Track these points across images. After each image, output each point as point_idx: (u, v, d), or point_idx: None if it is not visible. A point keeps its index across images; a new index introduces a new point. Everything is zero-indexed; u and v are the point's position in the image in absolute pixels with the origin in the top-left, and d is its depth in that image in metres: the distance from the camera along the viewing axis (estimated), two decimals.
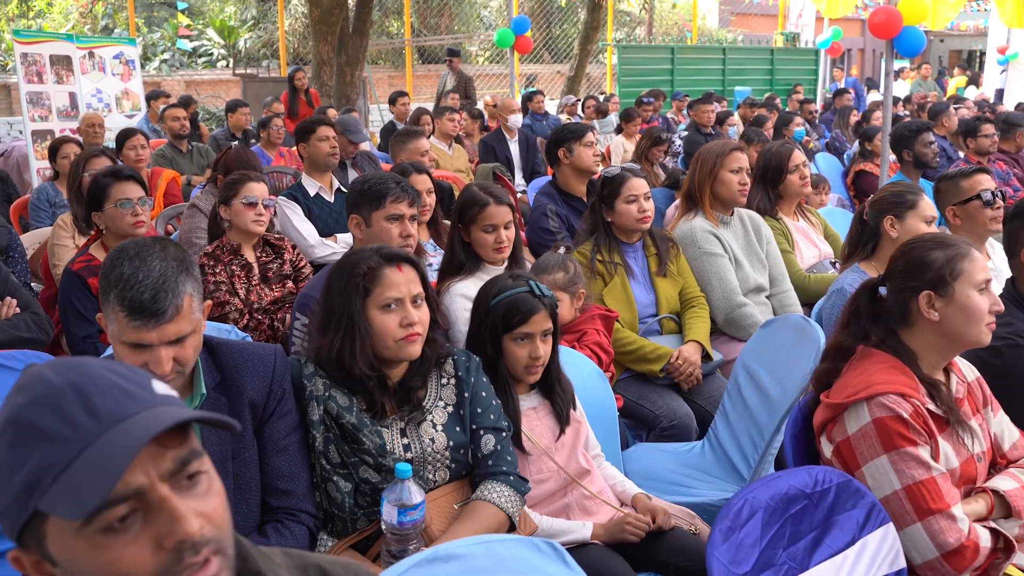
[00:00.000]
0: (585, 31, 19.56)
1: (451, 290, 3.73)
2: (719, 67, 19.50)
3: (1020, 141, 8.10)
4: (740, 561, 2.12)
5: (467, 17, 28.09)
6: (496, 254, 3.76)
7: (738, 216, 4.61)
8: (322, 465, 2.45)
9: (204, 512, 1.17)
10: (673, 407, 3.86)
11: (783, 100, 15.83)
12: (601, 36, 21.65)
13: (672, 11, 31.02)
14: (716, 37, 30.87)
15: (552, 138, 5.40)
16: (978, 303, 2.48)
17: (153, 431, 1.11)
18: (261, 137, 8.94)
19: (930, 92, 18.70)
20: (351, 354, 2.46)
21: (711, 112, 10.30)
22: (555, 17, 25.58)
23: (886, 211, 3.78)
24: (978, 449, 2.53)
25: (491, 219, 3.74)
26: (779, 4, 26.72)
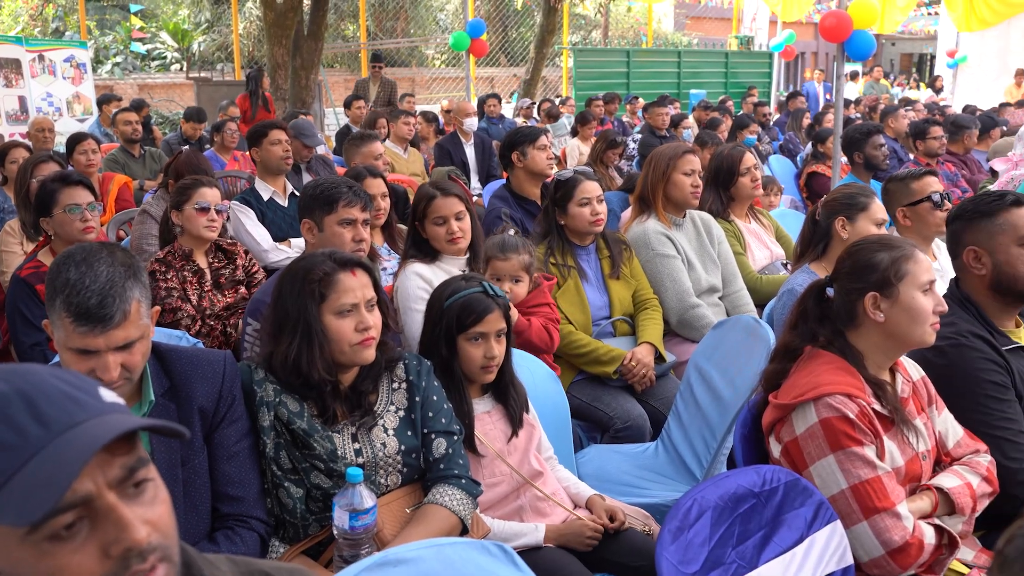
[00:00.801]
0: (541, 34, 19.61)
1: (407, 268, 3.76)
2: (674, 70, 19.62)
3: (968, 143, 8.23)
4: (689, 560, 2.14)
5: (423, 20, 28.09)
6: (451, 245, 3.78)
7: (690, 218, 4.65)
8: (273, 471, 2.44)
9: (151, 520, 1.16)
10: (627, 409, 3.89)
11: (737, 103, 15.96)
12: (557, 39, 21.72)
13: (627, 15, 31.20)
14: (671, 40, 31.07)
15: (505, 141, 5.42)
16: (922, 304, 2.52)
17: (103, 439, 1.10)
18: (215, 141, 8.87)
19: (882, 95, 18.94)
20: (309, 360, 2.45)
21: (665, 115, 10.37)
22: (511, 20, 25.67)
23: (838, 212, 3.83)
24: (923, 448, 2.57)
25: (440, 211, 3.76)
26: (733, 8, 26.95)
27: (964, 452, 2.67)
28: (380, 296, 2.60)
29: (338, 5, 25.76)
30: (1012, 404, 2.77)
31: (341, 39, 27.29)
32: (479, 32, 12.35)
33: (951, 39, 23.43)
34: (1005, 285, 2.87)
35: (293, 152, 6.10)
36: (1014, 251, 2.86)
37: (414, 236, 3.87)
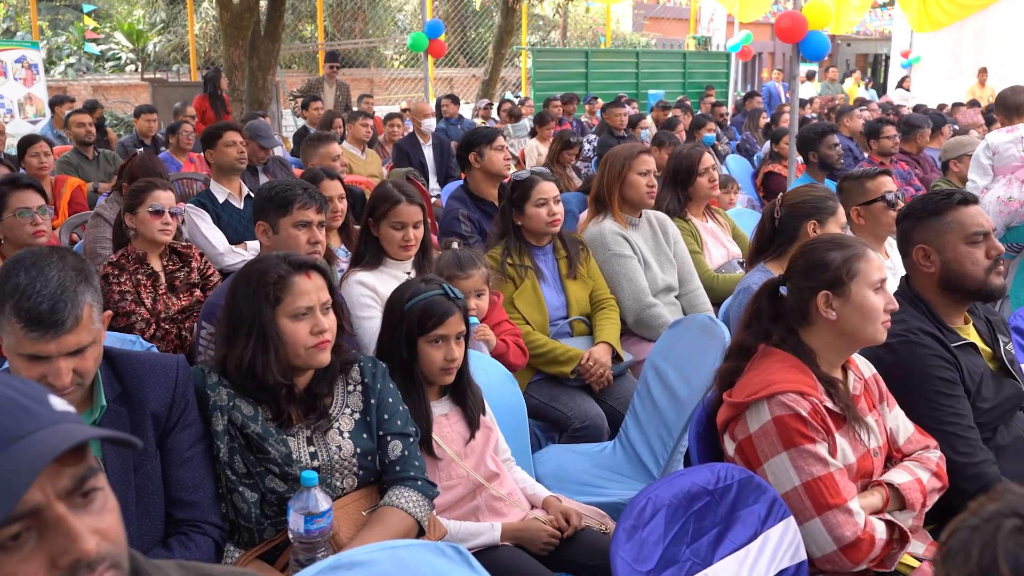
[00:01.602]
0: (499, 35, 19.62)
1: (349, 278, 3.76)
2: (633, 70, 19.70)
3: (920, 142, 8.34)
4: (644, 559, 2.16)
5: (381, 21, 28.01)
6: (402, 251, 3.80)
7: (646, 217, 4.67)
8: (227, 476, 2.43)
9: (100, 529, 1.16)
10: (584, 408, 3.90)
11: (695, 103, 16.06)
12: (515, 40, 21.75)
13: (586, 15, 31.30)
14: (630, 41, 31.18)
15: (463, 142, 5.42)
16: (873, 302, 2.55)
17: (54, 452, 1.09)
18: (170, 143, 8.79)
19: (837, 95, 19.13)
20: (264, 363, 2.44)
21: (623, 115, 10.41)
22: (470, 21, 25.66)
23: (809, 216, 3.82)
24: (874, 444, 2.60)
25: (401, 216, 3.78)
26: (691, 9, 27.12)
27: (914, 448, 2.71)
28: (335, 299, 2.59)
29: (295, 6, 25.63)
30: (961, 400, 2.81)
31: (299, 40, 27.14)
32: (437, 33, 12.33)
33: (905, 40, 23.70)
34: (954, 283, 2.91)
35: (249, 154, 6.06)
36: (962, 249, 2.90)
37: (367, 234, 3.86)
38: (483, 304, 3.72)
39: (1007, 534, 0.94)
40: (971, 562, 0.95)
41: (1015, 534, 0.94)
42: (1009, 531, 0.95)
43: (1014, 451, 2.93)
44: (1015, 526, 0.95)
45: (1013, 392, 2.98)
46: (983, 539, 0.95)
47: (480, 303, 3.71)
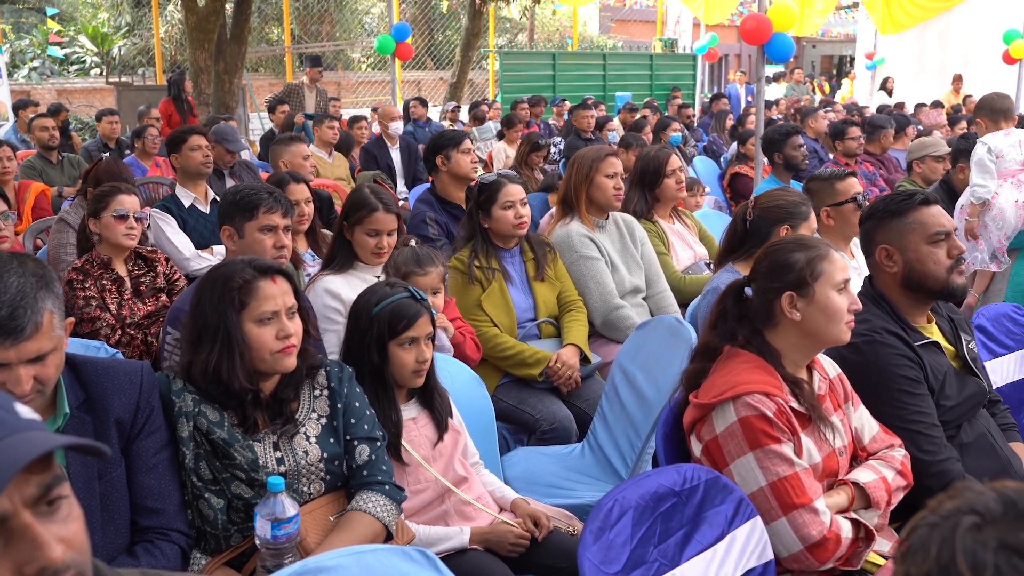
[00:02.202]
0: (466, 37, 19.63)
1: (316, 284, 3.75)
2: (600, 73, 19.73)
3: (884, 143, 8.41)
4: (611, 560, 2.16)
5: (348, 24, 27.93)
6: (374, 258, 3.80)
7: (613, 220, 4.69)
8: (193, 482, 2.41)
9: (65, 537, 1.15)
10: (553, 410, 3.91)
11: (662, 105, 16.12)
12: (483, 42, 21.76)
13: (553, 18, 31.35)
14: (597, 43, 31.26)
15: (430, 145, 5.42)
16: (837, 303, 2.57)
17: (24, 459, 1.09)
18: (136, 147, 8.72)
19: (803, 96, 19.26)
20: (229, 369, 2.42)
21: (590, 117, 10.43)
22: (437, 23, 25.63)
23: (782, 220, 3.82)
24: (839, 443, 2.62)
25: (376, 224, 3.77)
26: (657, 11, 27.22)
27: (879, 447, 2.73)
28: (301, 303, 2.58)
29: (262, 9, 25.50)
30: (925, 398, 2.84)
31: (265, 43, 27.00)
32: (404, 35, 12.32)
33: (869, 41, 23.94)
34: (916, 282, 2.94)
35: (216, 157, 6.02)
36: (924, 249, 2.92)
37: (340, 238, 3.85)
38: (439, 302, 3.72)
39: (964, 531, 0.95)
40: (930, 559, 0.96)
41: (972, 531, 0.95)
42: (967, 528, 0.95)
43: (977, 448, 2.96)
44: (972, 523, 0.96)
45: (976, 390, 3.01)
46: (941, 536, 0.96)
47: (436, 300, 3.70)
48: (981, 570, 0.91)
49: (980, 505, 0.97)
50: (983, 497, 0.98)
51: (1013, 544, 0.92)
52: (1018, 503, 0.96)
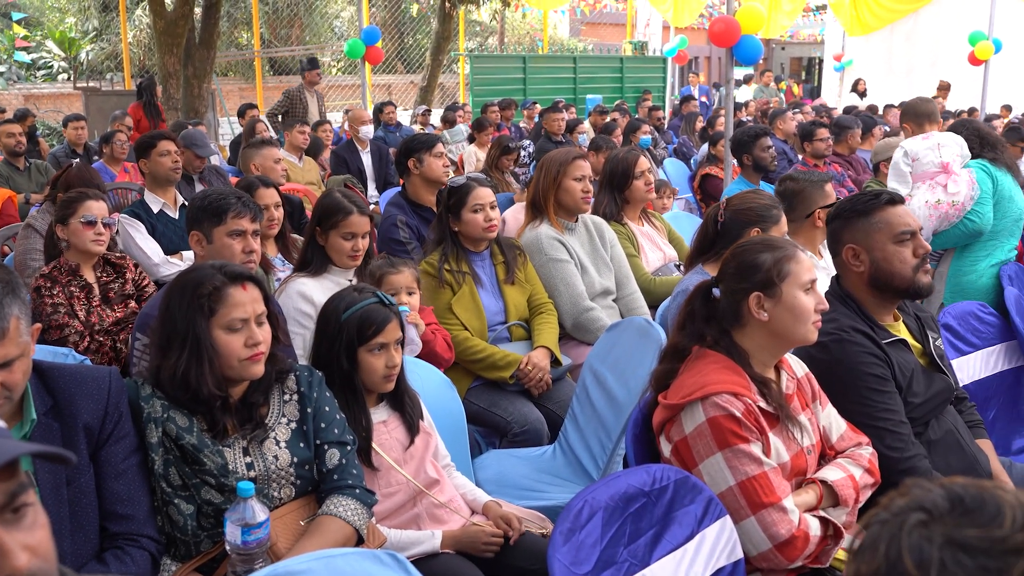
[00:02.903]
0: (437, 41, 19.62)
1: (289, 286, 3.74)
2: (570, 76, 19.76)
3: (851, 143, 8.49)
4: (581, 561, 2.17)
5: (318, 28, 27.84)
6: (350, 261, 3.80)
7: (582, 222, 4.69)
8: (162, 488, 2.40)
9: (31, 545, 1.15)
10: (524, 413, 3.91)
11: (632, 107, 16.17)
12: (453, 46, 21.74)
13: (523, 21, 31.37)
14: (567, 46, 31.33)
15: (402, 148, 5.41)
16: (804, 303, 2.59)
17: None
18: (104, 153, 8.67)
19: (772, 98, 19.39)
20: (198, 376, 2.41)
21: (561, 120, 10.45)
22: (407, 27, 25.59)
23: (754, 223, 3.83)
24: (807, 442, 2.64)
25: (352, 227, 3.78)
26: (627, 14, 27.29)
27: (847, 445, 2.75)
28: (271, 309, 2.57)
29: (231, 13, 25.37)
30: (892, 396, 2.86)
31: (235, 47, 26.88)
32: (374, 39, 12.29)
33: (838, 43, 24.14)
34: (883, 281, 2.96)
35: (185, 162, 5.99)
36: (890, 248, 2.95)
37: (312, 242, 3.84)
38: (414, 301, 3.73)
39: (911, 528, 0.96)
40: (879, 556, 0.97)
41: (919, 528, 0.96)
42: (913, 525, 0.96)
43: (945, 445, 2.99)
44: (919, 520, 0.97)
45: (943, 387, 3.04)
46: (890, 533, 0.97)
47: (412, 300, 3.71)
48: (927, 566, 0.92)
49: (928, 502, 0.98)
50: (931, 494, 0.99)
51: (959, 540, 0.93)
52: (965, 499, 0.97)
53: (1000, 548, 0.92)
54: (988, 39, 13.28)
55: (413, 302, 3.72)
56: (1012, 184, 5.12)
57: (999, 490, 0.98)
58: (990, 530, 0.93)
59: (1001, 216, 5.07)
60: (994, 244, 5.10)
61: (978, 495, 0.97)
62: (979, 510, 0.96)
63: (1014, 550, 0.92)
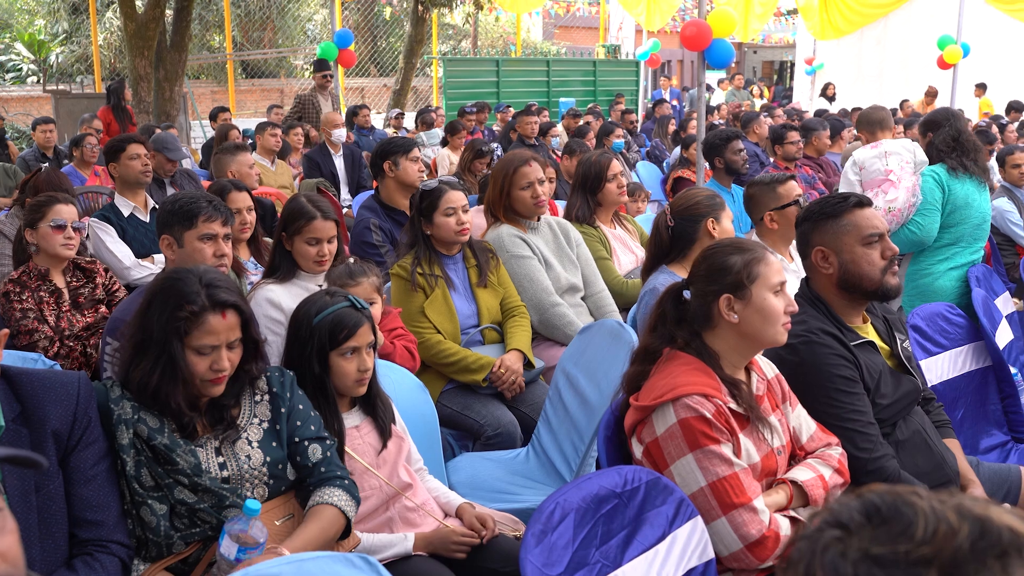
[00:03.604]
0: (410, 44, 19.60)
1: (257, 293, 3.72)
2: (544, 79, 19.81)
3: (818, 145, 8.55)
4: (553, 563, 2.17)
5: (291, 31, 27.72)
6: (316, 266, 3.79)
7: (546, 221, 4.69)
8: (134, 489, 2.38)
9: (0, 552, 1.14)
10: (497, 416, 3.92)
11: (605, 110, 16.22)
12: (426, 49, 21.74)
13: (496, 24, 31.37)
14: (540, 49, 31.38)
15: (378, 150, 5.40)
16: (774, 304, 2.61)
17: None
18: (74, 156, 8.61)
19: (744, 101, 19.50)
20: (169, 392, 2.40)
21: (534, 124, 10.46)
22: (380, 30, 25.57)
23: (706, 215, 3.92)
24: (778, 443, 2.66)
25: (316, 232, 3.76)
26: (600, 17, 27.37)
27: (817, 446, 2.77)
28: (249, 334, 2.53)
29: (202, 15, 25.25)
30: (861, 397, 2.89)
31: (207, 50, 26.74)
32: (347, 42, 12.27)
33: (809, 47, 24.31)
34: (851, 283, 2.99)
35: (156, 166, 5.96)
36: (859, 250, 2.98)
37: (280, 248, 3.83)
38: (375, 312, 3.72)
39: (826, 545, 0.97)
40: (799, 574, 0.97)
41: (835, 544, 0.96)
42: (828, 542, 0.97)
43: (913, 445, 3.02)
44: (834, 537, 0.97)
45: (911, 388, 3.07)
46: (809, 552, 0.98)
47: (372, 310, 3.71)
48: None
49: (844, 516, 0.98)
50: (847, 508, 0.99)
51: (874, 554, 0.94)
52: (881, 509, 0.98)
53: (910, 560, 0.92)
54: (957, 43, 13.41)
55: (375, 312, 3.72)
56: (974, 190, 5.16)
57: (915, 496, 0.98)
58: (900, 542, 0.94)
59: (958, 223, 5.14)
60: (953, 249, 5.17)
61: (894, 504, 0.98)
62: (893, 520, 0.96)
63: (923, 561, 0.92)
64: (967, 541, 0.93)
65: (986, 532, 0.94)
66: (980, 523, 0.94)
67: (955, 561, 0.92)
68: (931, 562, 0.92)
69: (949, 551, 0.92)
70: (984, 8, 15.46)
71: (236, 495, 2.44)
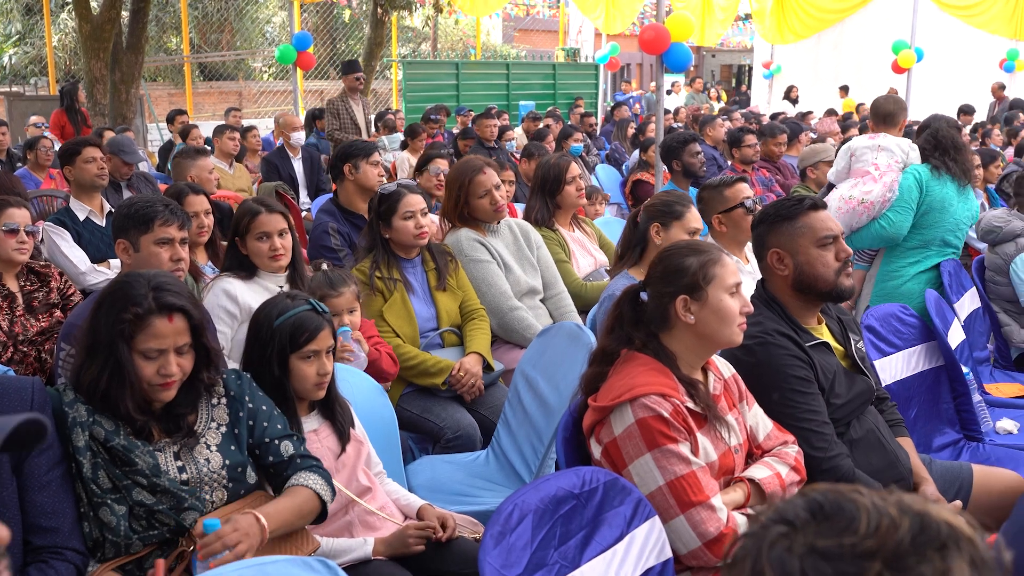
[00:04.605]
0: (369, 47, 19.53)
1: (216, 283, 3.71)
2: (503, 82, 19.83)
3: (773, 148, 8.64)
4: (512, 564, 2.18)
5: (249, 33, 27.55)
6: (273, 262, 3.77)
7: (506, 225, 4.71)
8: (92, 491, 2.36)
9: None
10: (457, 419, 3.92)
11: (565, 113, 16.27)
12: (386, 52, 21.69)
13: (456, 27, 31.37)
14: (500, 53, 31.42)
15: (339, 153, 5.39)
16: (729, 305, 2.64)
17: None
18: (28, 159, 8.50)
19: (703, 104, 19.63)
20: (119, 396, 2.38)
21: (493, 127, 10.46)
22: (339, 33, 25.48)
23: (653, 219, 3.99)
24: (735, 442, 2.69)
25: (263, 227, 3.75)
26: (560, 21, 27.46)
27: (773, 444, 2.81)
28: (199, 339, 2.51)
29: (160, 17, 25.03)
30: (816, 397, 2.92)
31: (164, 52, 26.52)
32: (305, 45, 12.22)
33: (766, 51, 24.52)
34: (806, 285, 3.02)
35: (112, 169, 5.91)
36: (814, 252, 3.01)
37: (234, 251, 3.82)
38: (356, 320, 3.73)
39: (773, 541, 0.99)
40: (745, 571, 0.99)
41: (781, 540, 0.99)
42: (775, 538, 0.99)
43: (866, 444, 3.06)
44: (780, 532, 1.00)
45: (864, 388, 3.11)
46: (754, 548, 1.00)
47: (353, 319, 3.71)
48: None
49: (790, 514, 1.01)
50: (793, 505, 1.02)
51: (820, 548, 0.97)
52: (825, 506, 1.01)
53: (855, 552, 0.96)
54: (910, 48, 13.59)
55: (355, 320, 3.72)
56: (954, 194, 5.17)
57: (856, 493, 1.02)
58: (845, 536, 0.97)
59: (931, 225, 5.17)
60: (924, 252, 5.21)
61: (836, 501, 1.01)
62: (837, 516, 0.99)
63: (868, 554, 0.95)
64: (908, 535, 0.96)
65: (926, 526, 0.97)
66: (920, 518, 0.98)
67: (897, 553, 0.95)
68: (875, 555, 0.95)
69: (892, 544, 0.95)
70: (937, 14, 15.68)
71: (195, 497, 2.43)
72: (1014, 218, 5.24)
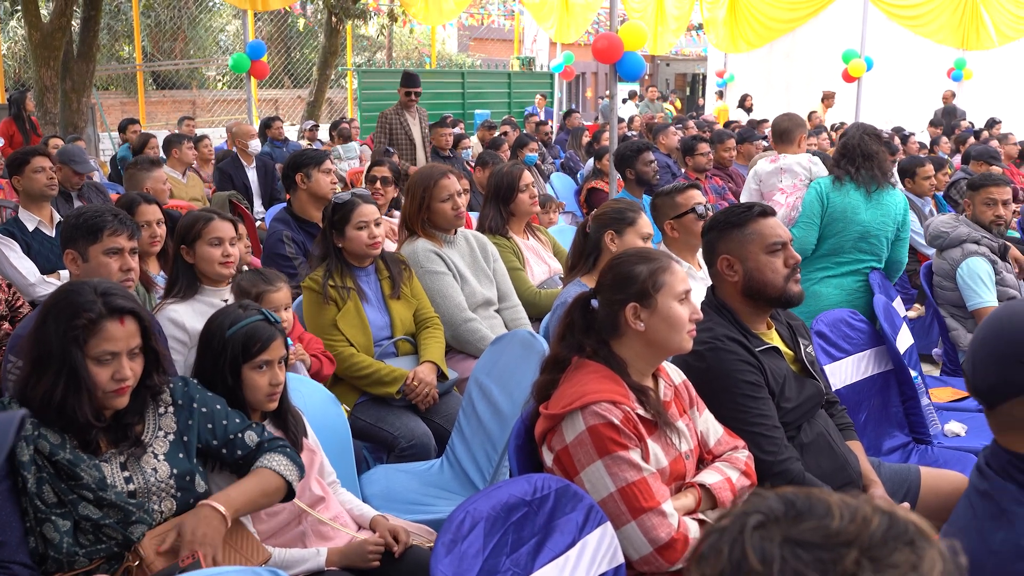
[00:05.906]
0: (324, 56, 19.46)
1: (160, 313, 3.66)
2: (459, 91, 19.87)
3: (723, 155, 8.73)
4: (464, 571, 2.19)
5: (203, 41, 27.36)
6: (223, 268, 3.74)
7: (463, 236, 4.72)
8: (36, 506, 2.33)
9: None
10: (411, 427, 3.91)
11: (520, 122, 16.30)
12: (340, 61, 21.62)
13: (411, 36, 31.34)
14: (455, 61, 31.44)
15: (290, 162, 5.37)
16: (679, 312, 2.67)
17: None
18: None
19: (657, 113, 19.75)
20: (76, 404, 2.35)
21: (448, 135, 10.47)
22: (294, 42, 25.35)
23: (607, 226, 4.02)
24: (685, 447, 2.71)
25: (217, 232, 3.74)
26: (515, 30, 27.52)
27: (724, 449, 2.83)
28: (150, 344, 2.51)
29: (111, 25, 24.79)
30: (766, 401, 2.96)
31: (115, 60, 26.26)
32: (259, 54, 12.16)
33: (720, 60, 24.74)
34: (756, 290, 3.06)
35: (63, 179, 5.84)
36: (763, 259, 3.05)
37: (179, 261, 3.78)
38: (289, 316, 3.73)
39: (751, 530, 1.03)
40: (722, 559, 1.02)
41: (759, 529, 1.03)
42: (753, 526, 1.03)
43: (816, 447, 3.10)
44: (758, 521, 1.04)
45: (814, 391, 3.15)
46: (732, 537, 1.03)
47: (287, 315, 3.71)
48: (770, 562, 0.99)
49: (764, 507, 1.05)
50: (767, 500, 1.06)
51: (795, 537, 1.01)
52: (796, 503, 1.05)
53: (832, 541, 1.00)
54: (861, 57, 13.77)
55: (289, 316, 3.73)
56: (860, 202, 5.24)
57: (824, 494, 1.06)
58: (822, 526, 1.01)
59: (836, 234, 5.25)
60: (834, 260, 5.29)
61: (807, 499, 1.05)
62: (810, 512, 1.04)
63: (844, 542, 0.99)
64: (880, 529, 1.01)
65: (894, 523, 1.02)
66: (888, 516, 1.03)
67: (872, 543, 0.99)
68: (852, 543, 0.99)
69: (866, 535, 1.00)
70: (887, 24, 15.90)
71: (143, 510, 2.41)
72: (961, 224, 5.32)
